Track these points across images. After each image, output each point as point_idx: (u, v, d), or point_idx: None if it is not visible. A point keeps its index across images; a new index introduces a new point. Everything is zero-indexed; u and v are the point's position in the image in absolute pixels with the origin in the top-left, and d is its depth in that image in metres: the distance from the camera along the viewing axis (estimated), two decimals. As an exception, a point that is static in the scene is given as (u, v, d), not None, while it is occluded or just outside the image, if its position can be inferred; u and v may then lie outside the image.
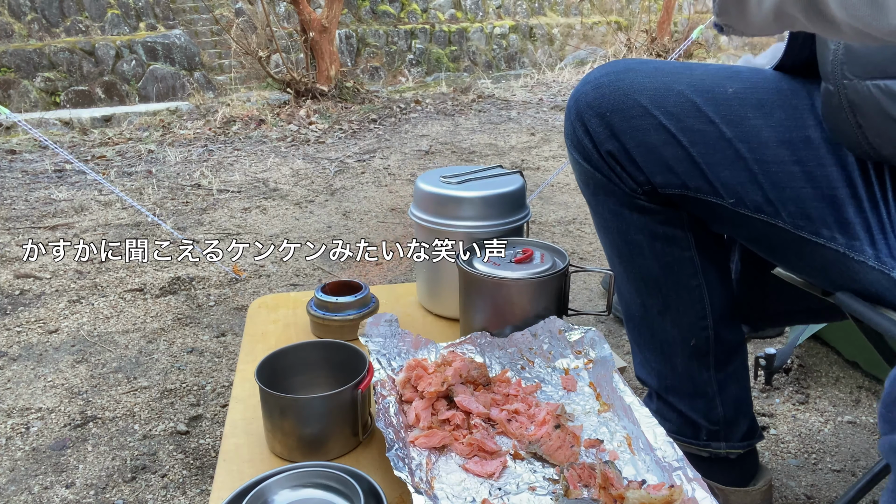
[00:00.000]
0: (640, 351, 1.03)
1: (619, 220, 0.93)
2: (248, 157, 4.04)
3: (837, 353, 1.59)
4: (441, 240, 1.05)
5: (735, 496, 1.01)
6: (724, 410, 0.99)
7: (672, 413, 1.01)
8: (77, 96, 6.50)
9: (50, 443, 1.39)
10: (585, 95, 0.90)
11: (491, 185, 1.04)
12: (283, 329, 1.08)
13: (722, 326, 0.96)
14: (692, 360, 0.97)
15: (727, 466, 1.02)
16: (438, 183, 1.05)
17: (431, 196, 1.04)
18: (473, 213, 1.01)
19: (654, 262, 0.93)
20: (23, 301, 2.08)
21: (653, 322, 0.97)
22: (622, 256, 0.96)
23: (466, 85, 6.56)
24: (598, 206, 0.96)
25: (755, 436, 1.03)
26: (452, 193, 1.02)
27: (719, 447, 1.00)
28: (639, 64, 0.90)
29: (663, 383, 1.00)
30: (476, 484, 0.68)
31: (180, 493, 1.24)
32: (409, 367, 0.81)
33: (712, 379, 0.98)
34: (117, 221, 2.87)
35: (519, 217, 1.05)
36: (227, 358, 1.71)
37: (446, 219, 1.02)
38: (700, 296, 0.94)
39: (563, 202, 2.99)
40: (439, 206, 1.03)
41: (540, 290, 0.91)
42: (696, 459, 1.01)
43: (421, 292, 1.13)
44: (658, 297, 0.95)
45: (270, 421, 0.77)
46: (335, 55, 5.91)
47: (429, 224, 1.04)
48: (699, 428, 1.00)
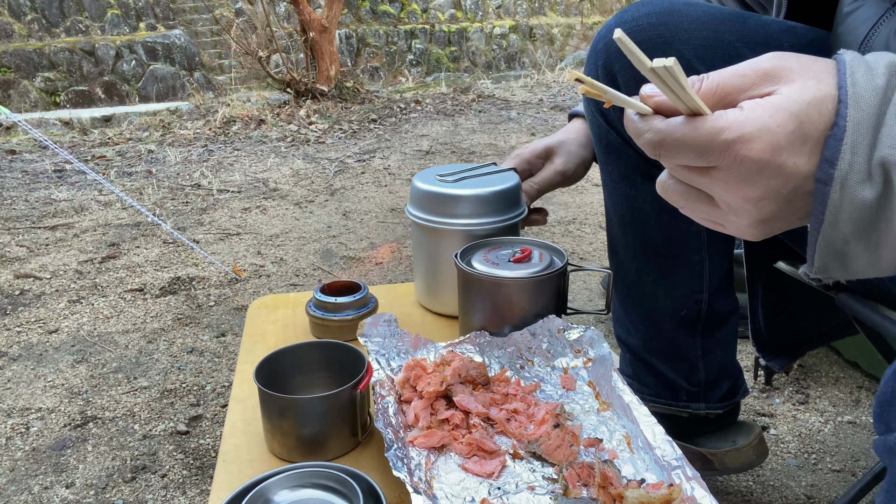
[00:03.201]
0: (624, 312, 1.00)
1: (628, 186, 0.89)
2: (248, 158, 4.04)
3: (837, 353, 1.59)
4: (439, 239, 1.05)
5: (728, 457, 1.01)
6: (706, 374, 0.98)
7: (650, 377, 1.00)
8: (77, 96, 6.50)
9: (50, 443, 1.39)
10: None
11: (486, 183, 1.04)
12: (283, 330, 1.08)
13: (716, 298, 0.95)
14: (680, 328, 0.96)
15: (711, 428, 1.02)
16: (434, 181, 1.05)
17: (428, 194, 1.04)
18: (469, 210, 1.02)
19: (659, 234, 0.90)
20: (23, 301, 2.08)
21: (645, 289, 0.95)
22: (624, 222, 0.93)
23: (466, 85, 6.56)
24: (607, 166, 0.92)
25: (736, 395, 1.02)
26: (448, 192, 1.02)
27: (699, 408, 0.99)
28: (684, 6, 0.78)
29: (647, 345, 0.99)
30: (475, 483, 0.68)
31: (180, 493, 1.24)
32: (407, 366, 0.81)
33: (697, 345, 0.97)
34: (117, 221, 2.87)
35: (514, 214, 1.05)
36: (226, 358, 1.71)
37: (442, 217, 1.03)
38: (700, 271, 0.92)
39: (563, 202, 2.99)
40: (436, 205, 1.03)
41: (539, 290, 0.91)
42: (677, 421, 1.00)
43: (419, 290, 1.14)
44: (656, 266, 0.93)
45: (269, 421, 0.77)
46: (335, 55, 5.91)
47: (425, 222, 1.04)
48: (679, 389, 0.99)
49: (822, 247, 0.46)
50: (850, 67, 0.44)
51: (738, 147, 0.43)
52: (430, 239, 1.06)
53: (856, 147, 0.42)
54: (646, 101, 0.47)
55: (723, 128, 0.43)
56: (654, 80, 0.45)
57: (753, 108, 0.44)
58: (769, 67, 0.45)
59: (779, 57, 0.46)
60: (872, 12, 0.67)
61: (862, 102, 0.42)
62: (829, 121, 0.43)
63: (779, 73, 0.45)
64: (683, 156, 0.46)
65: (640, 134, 0.48)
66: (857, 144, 0.42)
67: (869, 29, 0.66)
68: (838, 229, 0.44)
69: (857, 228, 0.44)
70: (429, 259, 1.08)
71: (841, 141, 0.42)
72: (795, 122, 0.43)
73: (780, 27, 0.79)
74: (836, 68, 0.45)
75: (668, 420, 0.98)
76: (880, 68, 0.43)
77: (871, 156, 0.42)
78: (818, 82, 0.44)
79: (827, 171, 0.43)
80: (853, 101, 0.42)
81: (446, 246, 1.03)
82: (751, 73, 0.45)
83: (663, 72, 0.43)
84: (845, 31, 0.70)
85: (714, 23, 0.77)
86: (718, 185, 0.46)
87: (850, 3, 0.71)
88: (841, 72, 0.44)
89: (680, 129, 0.45)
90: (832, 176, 0.43)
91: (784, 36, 0.77)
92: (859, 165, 0.42)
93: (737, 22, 0.77)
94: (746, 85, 0.45)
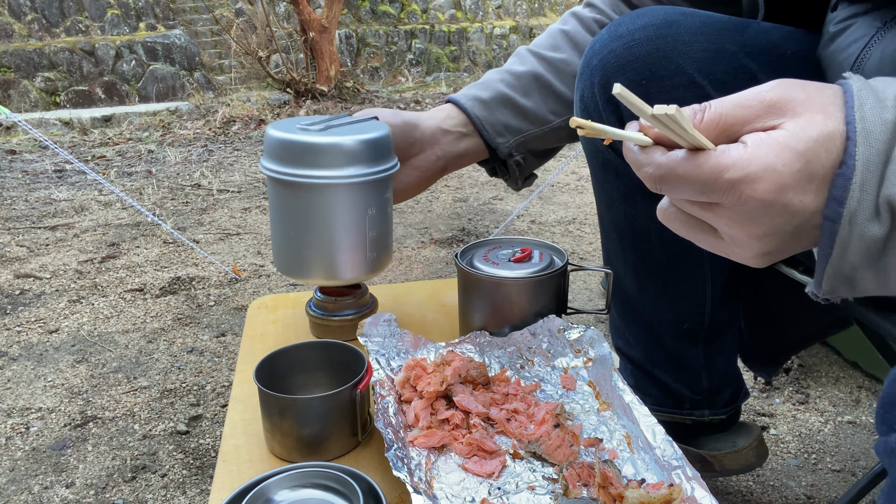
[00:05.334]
0: (625, 325, 0.99)
1: (629, 205, 0.87)
2: (248, 157, 4.04)
3: (837, 353, 1.59)
4: None
5: (729, 459, 1.00)
6: (710, 382, 0.97)
7: (653, 386, 0.99)
8: (77, 96, 6.50)
9: (50, 443, 1.39)
10: (615, 54, 0.75)
11: (356, 131, 0.91)
12: (283, 330, 1.08)
13: (717, 308, 0.93)
14: (682, 340, 0.95)
15: (712, 431, 1.02)
16: (296, 130, 0.91)
17: (288, 144, 0.89)
18: (340, 161, 0.89)
19: (661, 250, 0.88)
20: (23, 301, 2.08)
21: (646, 303, 0.94)
22: (624, 238, 0.91)
23: (466, 85, 6.56)
24: (605, 184, 0.89)
25: (738, 399, 1.02)
26: (314, 140, 0.88)
27: (702, 415, 0.99)
28: (682, 16, 0.75)
29: (649, 357, 0.97)
30: (475, 483, 0.68)
31: (180, 493, 1.24)
32: (407, 366, 0.81)
33: (700, 354, 0.96)
34: (117, 221, 2.87)
35: (387, 167, 0.93)
36: (226, 358, 1.71)
37: (305, 168, 0.89)
38: (703, 284, 0.90)
39: (563, 202, 2.99)
40: (297, 156, 0.89)
41: (539, 289, 0.91)
42: (680, 427, 1.00)
43: (279, 258, 0.98)
44: (658, 282, 0.92)
45: (269, 421, 0.77)
46: (335, 55, 5.91)
47: (285, 177, 0.89)
48: (682, 398, 0.98)
49: (831, 275, 0.45)
50: (857, 100, 0.43)
51: (743, 187, 0.42)
52: (293, 195, 0.92)
53: (864, 185, 0.41)
54: (646, 132, 0.46)
55: (727, 166, 0.42)
56: (656, 125, 0.44)
57: (758, 146, 0.42)
58: (774, 98, 0.44)
59: (783, 86, 0.44)
60: (862, 32, 0.65)
61: (871, 139, 0.41)
62: (837, 158, 0.42)
63: (784, 105, 0.43)
64: (686, 191, 0.45)
65: (640, 167, 0.47)
66: (865, 183, 0.41)
67: (861, 49, 0.65)
68: (847, 260, 0.44)
69: (865, 259, 0.43)
70: (291, 219, 0.93)
71: (850, 180, 0.42)
72: (802, 160, 0.42)
73: (780, 34, 0.77)
74: (843, 99, 0.43)
75: (669, 425, 0.97)
76: (889, 100, 0.42)
77: (878, 193, 0.42)
78: (825, 116, 0.43)
79: (835, 209, 0.42)
80: (862, 139, 0.41)
81: (313, 203, 0.91)
82: (755, 104, 0.44)
83: (665, 118, 0.42)
84: (836, 51, 0.68)
85: (713, 33, 0.74)
86: (722, 220, 0.45)
87: (836, 23, 0.69)
88: (849, 104, 0.43)
89: (682, 165, 0.44)
90: (841, 214, 0.42)
91: (786, 43, 0.75)
92: (868, 203, 0.42)
93: (737, 31, 0.75)
94: (750, 117, 0.44)
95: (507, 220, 2.68)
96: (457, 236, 2.57)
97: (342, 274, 0.95)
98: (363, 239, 0.94)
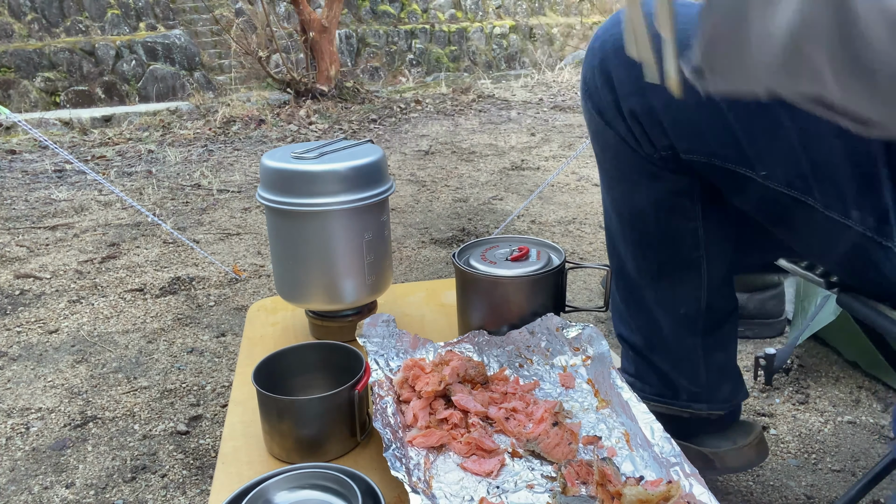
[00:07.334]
0: (626, 308, 1.00)
1: (626, 184, 0.89)
2: (248, 157, 4.04)
3: (837, 353, 1.59)
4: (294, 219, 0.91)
5: (729, 456, 1.01)
6: (708, 375, 0.98)
7: (652, 375, 1.00)
8: (77, 96, 6.50)
9: (50, 443, 1.39)
10: (615, 38, 0.79)
11: (349, 157, 0.93)
12: (282, 332, 1.08)
13: (716, 296, 0.94)
14: (680, 326, 0.95)
15: (711, 427, 1.02)
16: (290, 159, 0.92)
17: (283, 174, 0.91)
18: (335, 188, 0.90)
19: (656, 230, 0.90)
20: (23, 301, 2.08)
21: (644, 285, 0.95)
22: (622, 217, 0.93)
23: (466, 85, 6.56)
24: (605, 163, 0.91)
25: (738, 395, 1.02)
26: (308, 169, 0.90)
27: (700, 408, 0.99)
28: (681, 6, 0.77)
29: (648, 343, 0.98)
30: (474, 482, 0.68)
31: (180, 493, 1.24)
32: (406, 366, 0.81)
33: (698, 345, 0.96)
34: (117, 221, 2.87)
35: (382, 190, 0.95)
36: (226, 358, 1.71)
37: (301, 197, 0.90)
38: (699, 268, 0.91)
39: (563, 202, 2.99)
40: (293, 184, 0.91)
41: (537, 288, 0.91)
42: (678, 420, 1.00)
43: (280, 284, 1.00)
44: (654, 263, 0.93)
45: (268, 423, 0.77)
46: (335, 55, 5.90)
47: (281, 206, 0.91)
48: (680, 389, 0.98)
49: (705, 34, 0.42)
50: None
51: None
52: (290, 223, 0.94)
53: None
54: None
55: None
56: None
57: None
58: None
59: None
60: None
61: None
62: None
63: None
64: None
65: None
66: None
67: None
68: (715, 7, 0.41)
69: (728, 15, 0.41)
70: (289, 247, 0.96)
71: None
72: None
73: None
74: None
75: (669, 420, 0.97)
76: None
77: None
78: None
79: None
80: None
81: (310, 229, 0.93)
82: None
83: None
84: None
85: None
86: None
87: None
88: None
89: None
90: None
91: None
92: None
93: None
94: None
95: (507, 220, 2.68)
96: (457, 236, 2.57)
97: (342, 299, 0.98)
98: (361, 264, 0.96)
